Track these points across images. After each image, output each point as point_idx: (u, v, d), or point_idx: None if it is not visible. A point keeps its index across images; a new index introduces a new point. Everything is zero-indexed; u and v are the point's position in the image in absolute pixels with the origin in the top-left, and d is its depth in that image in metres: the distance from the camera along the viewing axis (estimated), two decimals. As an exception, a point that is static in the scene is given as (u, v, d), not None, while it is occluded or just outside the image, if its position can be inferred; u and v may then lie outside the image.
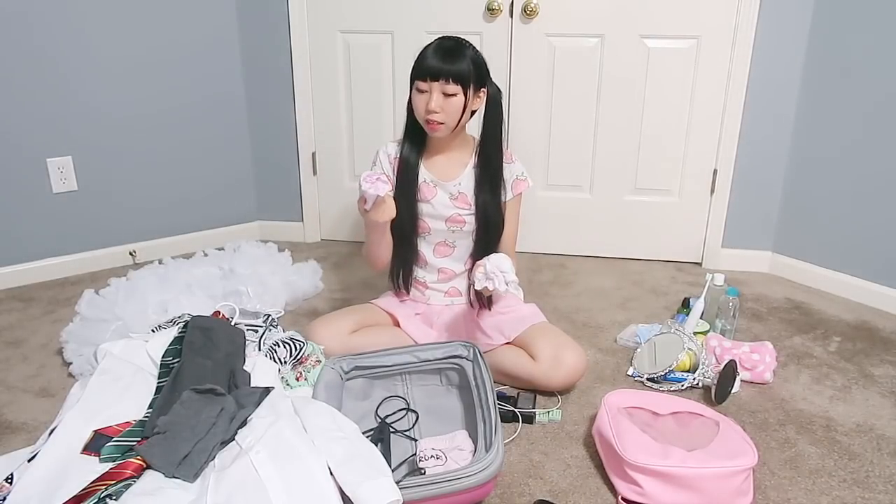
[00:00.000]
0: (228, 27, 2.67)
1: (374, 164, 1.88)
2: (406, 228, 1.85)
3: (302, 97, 2.75)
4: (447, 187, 1.84)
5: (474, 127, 1.83)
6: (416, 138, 1.82)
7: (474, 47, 1.74)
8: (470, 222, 1.85)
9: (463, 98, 1.70)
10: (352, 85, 2.73)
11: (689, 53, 2.48)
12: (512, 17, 2.53)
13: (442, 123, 1.71)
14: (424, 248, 1.91)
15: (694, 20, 2.45)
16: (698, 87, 2.51)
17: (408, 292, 1.96)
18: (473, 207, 1.83)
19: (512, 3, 2.51)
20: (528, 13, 2.49)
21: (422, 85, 1.69)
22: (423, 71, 1.68)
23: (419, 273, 1.94)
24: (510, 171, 1.86)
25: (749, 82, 2.46)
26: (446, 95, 1.68)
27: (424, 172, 1.84)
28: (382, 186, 1.55)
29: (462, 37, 1.76)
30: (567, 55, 2.56)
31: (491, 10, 2.52)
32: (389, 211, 1.64)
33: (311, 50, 2.70)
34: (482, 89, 1.75)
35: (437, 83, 1.67)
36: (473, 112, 1.78)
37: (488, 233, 1.84)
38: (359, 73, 2.71)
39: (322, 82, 2.74)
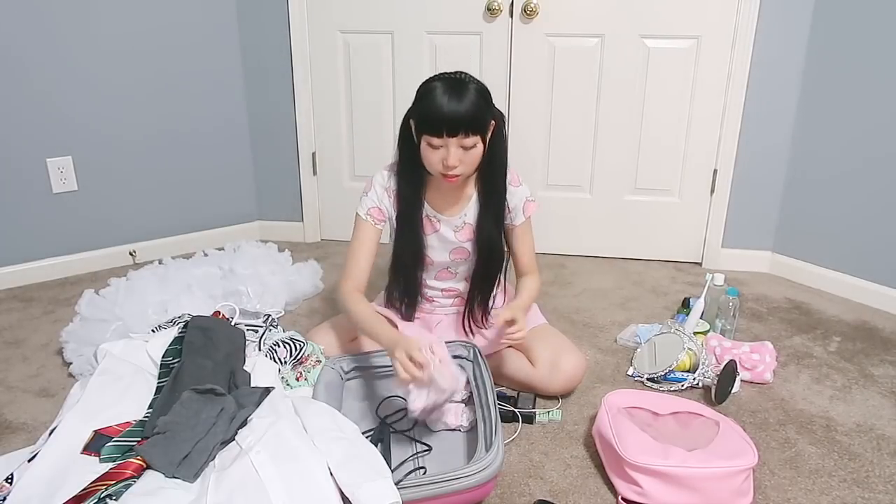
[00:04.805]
0: (228, 27, 2.67)
1: (367, 194, 1.70)
2: (409, 265, 1.74)
3: (302, 97, 2.75)
4: (452, 222, 1.72)
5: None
6: (414, 174, 1.64)
7: (475, 79, 1.54)
8: (473, 251, 1.74)
9: (482, 146, 1.54)
10: (352, 85, 2.73)
11: (689, 53, 2.48)
12: (512, 17, 2.53)
13: (460, 174, 1.56)
14: (426, 276, 1.82)
15: (694, 20, 2.44)
16: (698, 87, 2.51)
17: (411, 319, 1.82)
18: (475, 237, 1.72)
19: (512, 3, 2.51)
20: (528, 13, 2.49)
21: (435, 141, 1.50)
22: (437, 127, 1.48)
23: (423, 291, 1.85)
24: (519, 194, 1.71)
25: (749, 82, 2.46)
26: (465, 148, 1.51)
27: (427, 207, 1.70)
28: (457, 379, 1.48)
29: (461, 71, 1.56)
30: (567, 55, 2.56)
31: (491, 10, 2.52)
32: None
33: (311, 50, 2.70)
34: (492, 122, 1.57)
35: (454, 138, 1.49)
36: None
37: (489, 264, 1.73)
38: (359, 73, 2.71)
39: (322, 82, 2.74)
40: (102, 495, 1.16)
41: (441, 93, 1.48)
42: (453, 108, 1.46)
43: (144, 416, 1.41)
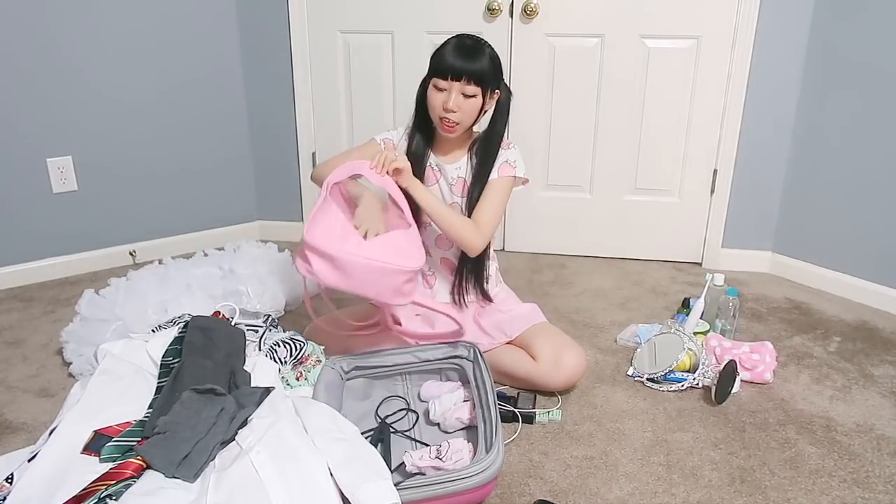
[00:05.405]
0: (228, 28, 2.67)
1: (390, 130, 1.87)
2: (414, 207, 1.77)
3: (302, 97, 2.75)
4: (448, 171, 1.81)
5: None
6: (426, 133, 1.80)
7: (492, 47, 1.70)
8: (464, 208, 1.81)
9: (481, 100, 1.69)
10: (352, 85, 2.73)
11: (689, 53, 2.49)
12: (512, 17, 2.53)
13: (457, 124, 1.69)
14: (426, 237, 1.84)
15: (694, 20, 2.45)
16: (698, 88, 2.51)
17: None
18: (466, 195, 1.80)
19: (512, 3, 2.51)
20: (528, 13, 2.49)
21: (441, 83, 1.66)
22: (445, 69, 1.64)
23: (424, 267, 1.90)
24: (503, 156, 1.79)
25: (749, 82, 2.46)
26: (465, 96, 1.66)
27: (431, 157, 1.82)
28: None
29: (479, 36, 1.72)
30: (567, 55, 2.56)
31: (491, 10, 2.52)
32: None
33: (311, 50, 2.70)
34: (497, 91, 1.73)
35: (457, 83, 1.64)
36: (485, 112, 1.75)
37: None
38: (359, 73, 2.71)
39: (322, 82, 2.74)
40: (102, 495, 1.16)
41: (456, 43, 1.68)
42: (463, 55, 1.65)
43: (144, 416, 1.41)
